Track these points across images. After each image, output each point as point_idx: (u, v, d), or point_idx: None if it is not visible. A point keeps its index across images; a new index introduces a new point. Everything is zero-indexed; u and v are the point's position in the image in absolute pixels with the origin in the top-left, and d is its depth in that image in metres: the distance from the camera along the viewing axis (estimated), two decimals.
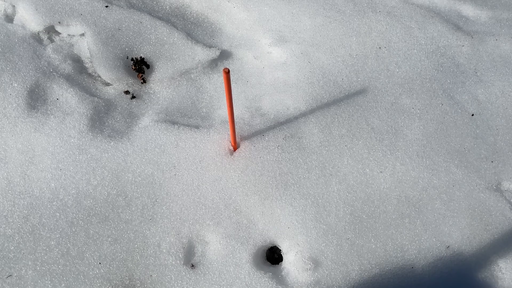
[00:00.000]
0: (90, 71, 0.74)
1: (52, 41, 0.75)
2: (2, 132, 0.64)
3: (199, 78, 0.74)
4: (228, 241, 0.58)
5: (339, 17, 0.81)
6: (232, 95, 0.54)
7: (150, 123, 0.67)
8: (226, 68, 0.47)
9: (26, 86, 0.68)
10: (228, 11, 0.83)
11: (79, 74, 0.72)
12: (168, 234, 0.59)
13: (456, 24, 0.84)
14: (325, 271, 0.58)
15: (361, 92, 0.73)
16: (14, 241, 0.57)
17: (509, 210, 0.64)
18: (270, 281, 0.56)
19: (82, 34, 0.76)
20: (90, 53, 0.73)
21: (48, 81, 0.69)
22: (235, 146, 0.65)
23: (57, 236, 0.57)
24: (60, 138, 0.64)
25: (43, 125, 0.65)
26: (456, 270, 0.59)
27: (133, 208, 0.60)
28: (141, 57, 0.73)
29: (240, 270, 0.57)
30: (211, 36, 0.80)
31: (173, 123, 0.68)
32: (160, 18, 0.78)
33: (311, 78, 0.74)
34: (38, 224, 0.58)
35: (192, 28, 0.80)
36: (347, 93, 0.73)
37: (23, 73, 0.69)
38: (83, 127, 0.65)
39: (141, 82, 0.73)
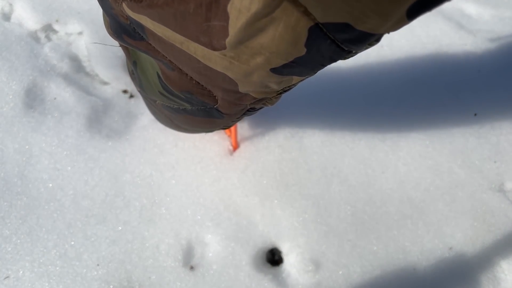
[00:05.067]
0: (87, 70, 0.73)
1: (49, 39, 0.74)
2: None
3: None
4: (228, 242, 0.58)
5: None
6: None
7: (149, 123, 0.67)
8: None
9: (23, 85, 0.67)
10: None
11: (77, 73, 0.72)
12: (167, 235, 0.58)
13: (458, 22, 0.83)
14: (326, 272, 0.57)
15: (362, 91, 0.72)
16: (11, 242, 0.56)
17: None
18: (270, 283, 0.56)
19: (80, 33, 0.75)
20: (87, 51, 0.72)
21: (46, 80, 0.68)
22: (235, 146, 0.65)
23: (55, 237, 0.57)
24: (57, 138, 0.64)
25: (40, 124, 0.64)
26: (459, 271, 0.59)
27: (131, 209, 0.59)
28: None
29: (240, 272, 0.56)
30: None
31: None
32: None
33: (311, 77, 0.73)
34: (35, 225, 0.57)
35: None
36: (348, 93, 0.72)
37: (20, 72, 0.68)
38: (81, 127, 0.65)
39: None
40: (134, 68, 0.33)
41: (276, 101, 0.29)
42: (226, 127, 0.37)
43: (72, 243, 0.57)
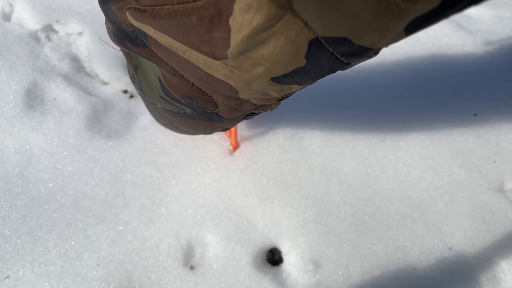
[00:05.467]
0: (88, 70, 0.73)
1: (49, 39, 0.74)
2: None
3: None
4: (228, 242, 0.58)
5: None
6: None
7: (149, 123, 0.67)
8: None
9: (24, 86, 0.67)
10: None
11: (77, 73, 0.72)
12: (167, 235, 0.58)
13: (458, 23, 0.83)
14: (326, 272, 0.57)
15: (362, 91, 0.72)
16: (11, 242, 0.56)
17: None
18: (270, 283, 0.56)
19: (80, 33, 0.75)
20: (88, 51, 0.72)
21: (46, 80, 0.69)
22: (235, 146, 0.65)
23: (55, 237, 0.57)
24: (58, 138, 0.64)
25: (40, 124, 0.64)
26: (459, 271, 0.59)
27: (132, 209, 0.59)
28: None
29: (240, 272, 0.56)
30: None
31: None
32: None
33: None
34: (36, 225, 0.57)
35: None
36: (348, 93, 0.72)
37: (20, 72, 0.68)
38: (81, 126, 0.65)
39: None
40: (135, 72, 0.33)
41: (275, 107, 0.29)
42: (225, 129, 0.38)
43: (72, 243, 0.57)
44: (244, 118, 0.32)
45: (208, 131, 0.37)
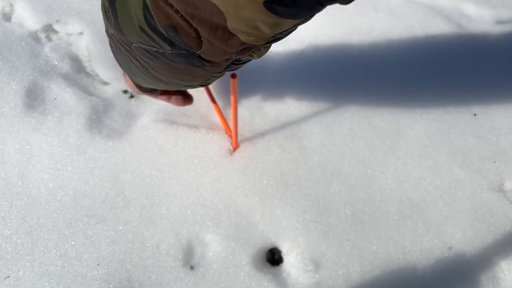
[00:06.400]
0: (88, 70, 0.73)
1: (50, 40, 0.75)
2: None
3: None
4: (228, 242, 0.58)
5: (340, 16, 0.81)
6: None
7: (149, 123, 0.67)
8: (234, 73, 0.45)
9: (24, 86, 0.67)
10: None
11: (77, 73, 0.72)
12: (167, 235, 0.58)
13: (458, 23, 0.83)
14: (326, 272, 0.57)
15: (362, 91, 0.72)
16: (11, 242, 0.56)
17: None
18: (270, 283, 0.56)
19: (81, 33, 0.75)
20: (88, 52, 0.72)
21: (46, 80, 0.69)
22: (235, 146, 0.65)
23: (55, 237, 0.57)
24: (58, 138, 0.64)
25: (40, 124, 0.65)
26: (458, 271, 0.59)
27: (132, 209, 0.59)
28: None
29: (240, 272, 0.56)
30: None
31: (172, 122, 0.67)
32: None
33: (312, 77, 0.73)
34: (36, 225, 0.58)
35: None
36: (348, 93, 0.72)
37: (20, 72, 0.68)
38: (81, 126, 0.65)
39: None
40: (111, 4, 0.31)
41: (264, 52, 0.27)
42: (205, 83, 0.35)
43: (73, 243, 0.57)
44: (228, 67, 0.30)
45: (188, 81, 0.34)
